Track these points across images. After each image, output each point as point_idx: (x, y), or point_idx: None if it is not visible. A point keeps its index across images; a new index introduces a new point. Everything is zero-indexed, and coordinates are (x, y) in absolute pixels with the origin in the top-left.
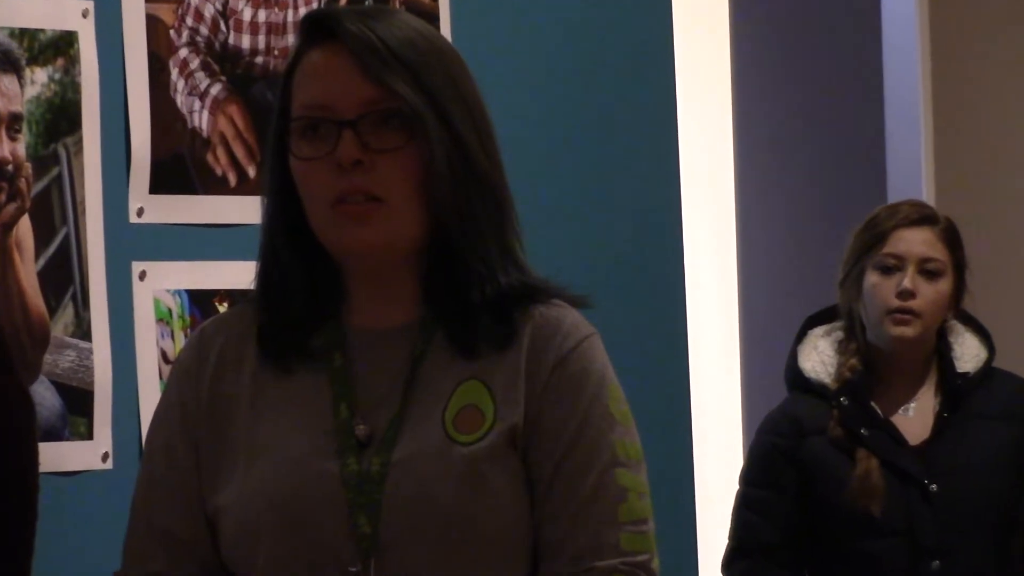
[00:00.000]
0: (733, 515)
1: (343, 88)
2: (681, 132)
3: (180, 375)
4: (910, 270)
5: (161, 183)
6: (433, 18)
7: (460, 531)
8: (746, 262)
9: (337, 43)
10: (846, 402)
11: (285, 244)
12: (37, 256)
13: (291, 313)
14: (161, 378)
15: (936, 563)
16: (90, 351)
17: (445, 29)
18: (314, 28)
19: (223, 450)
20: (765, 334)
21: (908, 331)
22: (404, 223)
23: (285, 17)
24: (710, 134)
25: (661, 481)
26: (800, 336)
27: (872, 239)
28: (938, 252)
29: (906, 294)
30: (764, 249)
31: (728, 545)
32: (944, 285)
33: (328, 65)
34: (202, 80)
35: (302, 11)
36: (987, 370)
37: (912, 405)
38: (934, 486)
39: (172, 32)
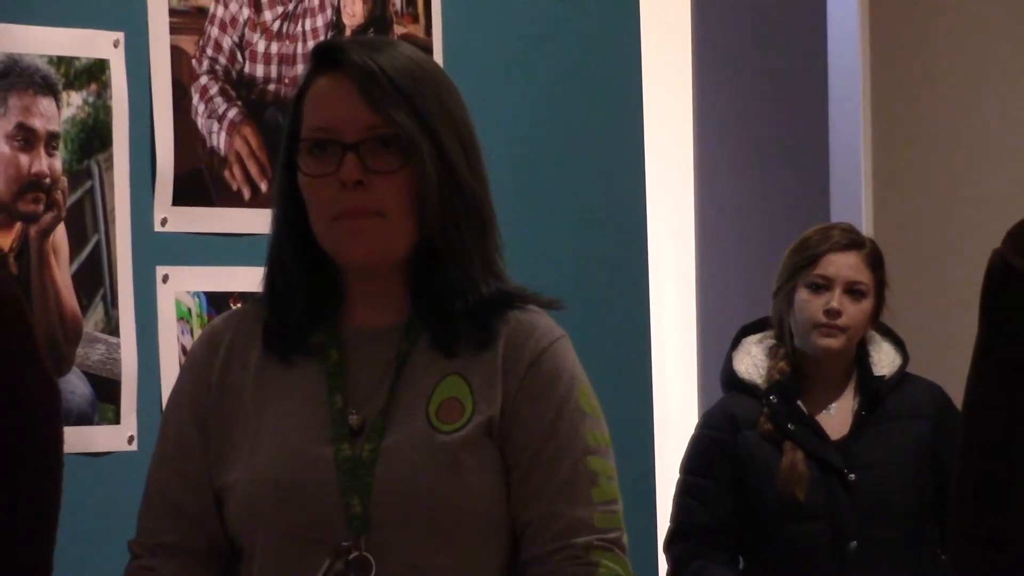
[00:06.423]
0: (674, 500)
1: (347, 114)
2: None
3: (192, 366)
4: (837, 291)
5: (183, 196)
6: (427, 51)
7: (442, 511)
8: (704, 274)
9: (342, 72)
10: (775, 400)
11: (291, 251)
12: (71, 260)
13: (294, 313)
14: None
15: (854, 544)
16: (118, 345)
17: (438, 58)
18: (322, 57)
19: (229, 434)
20: (720, 339)
21: (834, 343)
22: (397, 236)
23: (295, 49)
24: (673, 159)
25: (625, 468)
26: (735, 343)
27: (804, 260)
28: (863, 275)
29: (833, 313)
30: (720, 264)
31: (669, 527)
32: (867, 304)
33: (334, 92)
34: (220, 104)
35: (310, 44)
36: (901, 375)
37: (834, 405)
38: (852, 476)
39: (194, 61)
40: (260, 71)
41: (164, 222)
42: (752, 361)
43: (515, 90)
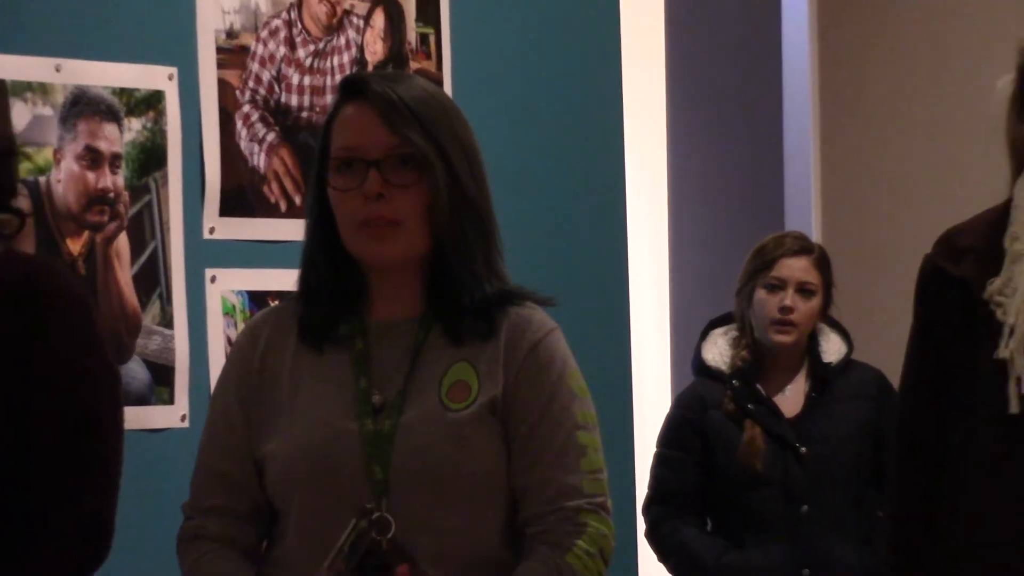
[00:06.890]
0: (651, 470)
1: (370, 135)
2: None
3: (236, 354)
4: (790, 291)
5: (228, 208)
6: (439, 83)
7: (452, 477)
8: (676, 276)
9: (366, 100)
10: (737, 384)
11: (321, 255)
12: (132, 263)
13: (324, 308)
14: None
15: (805, 508)
16: (172, 337)
17: (447, 89)
18: (349, 88)
19: (269, 412)
20: (690, 332)
21: (787, 339)
22: (413, 241)
23: (325, 82)
24: (650, 177)
25: (609, 442)
26: (703, 335)
27: (762, 264)
28: (813, 277)
29: (786, 310)
30: (690, 266)
31: (647, 494)
32: (816, 302)
33: (359, 117)
34: (260, 130)
35: (338, 77)
36: (847, 361)
37: (789, 388)
38: (804, 449)
39: (238, 92)
40: (295, 101)
41: (212, 231)
42: (718, 350)
43: (512, 115)
